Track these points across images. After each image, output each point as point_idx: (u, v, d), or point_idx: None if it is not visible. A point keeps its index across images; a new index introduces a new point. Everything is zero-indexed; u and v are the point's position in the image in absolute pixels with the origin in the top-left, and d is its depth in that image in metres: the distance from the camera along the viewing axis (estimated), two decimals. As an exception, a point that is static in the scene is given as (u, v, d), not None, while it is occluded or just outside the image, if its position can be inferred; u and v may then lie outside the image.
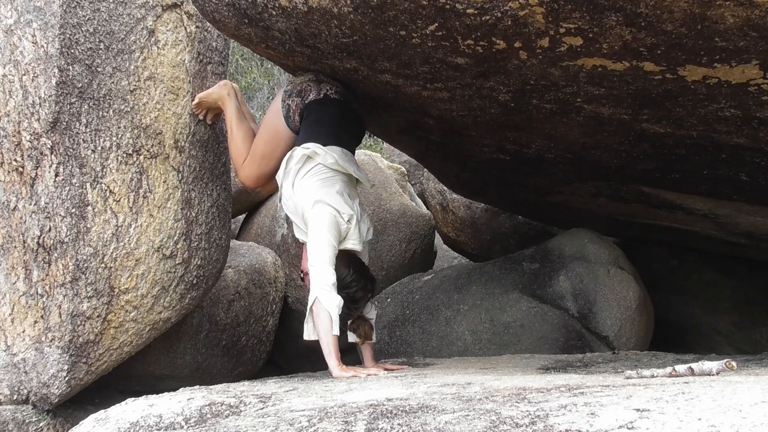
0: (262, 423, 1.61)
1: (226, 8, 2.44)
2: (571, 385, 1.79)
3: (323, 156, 2.84)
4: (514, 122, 2.82)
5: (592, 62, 2.09)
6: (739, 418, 1.20)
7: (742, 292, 4.73)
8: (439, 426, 1.37)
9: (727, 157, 2.65)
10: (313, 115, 2.94)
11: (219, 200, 3.34)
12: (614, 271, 4.04)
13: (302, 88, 2.98)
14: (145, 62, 2.98)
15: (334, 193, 2.80)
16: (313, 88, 2.97)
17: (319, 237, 2.72)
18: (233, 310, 3.90)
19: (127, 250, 2.91)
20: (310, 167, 2.83)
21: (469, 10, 1.92)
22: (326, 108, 2.97)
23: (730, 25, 1.76)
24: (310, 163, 2.84)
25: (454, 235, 5.55)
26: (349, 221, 2.79)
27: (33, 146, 2.75)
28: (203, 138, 3.23)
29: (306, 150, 2.84)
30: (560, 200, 4.04)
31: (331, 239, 2.72)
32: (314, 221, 2.74)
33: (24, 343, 2.83)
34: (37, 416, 2.89)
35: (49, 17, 2.73)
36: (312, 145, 2.84)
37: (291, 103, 2.98)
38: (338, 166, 2.86)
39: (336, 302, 2.64)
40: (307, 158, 2.84)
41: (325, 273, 2.67)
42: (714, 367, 1.89)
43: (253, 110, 10.40)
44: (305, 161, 2.84)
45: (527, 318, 3.96)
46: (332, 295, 2.65)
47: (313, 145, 2.84)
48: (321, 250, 2.71)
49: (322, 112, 2.95)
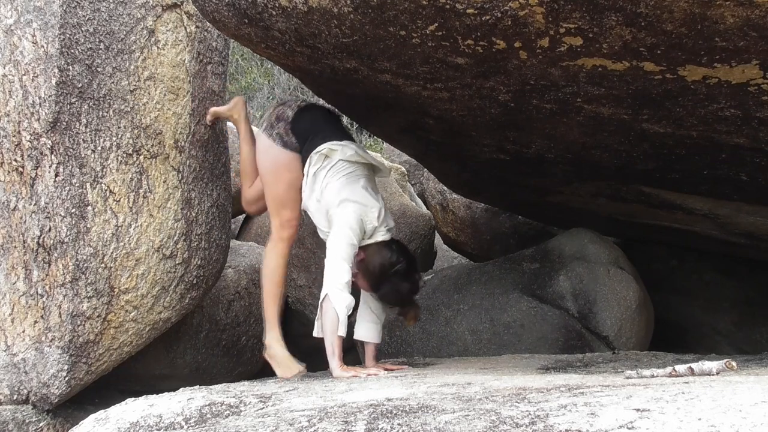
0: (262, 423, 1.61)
1: (226, 8, 2.44)
2: (571, 385, 1.79)
3: (342, 151, 2.84)
4: (514, 122, 2.82)
5: (592, 62, 2.09)
6: (739, 418, 1.20)
7: (742, 292, 4.73)
8: (439, 426, 1.37)
9: (727, 157, 2.65)
10: (307, 123, 2.95)
11: (219, 200, 3.34)
12: (614, 271, 4.04)
13: (277, 115, 2.99)
14: (145, 62, 2.98)
15: (359, 188, 2.80)
16: (286, 109, 3.00)
17: (339, 234, 2.70)
18: (233, 310, 3.90)
19: (127, 250, 2.91)
20: (330, 165, 2.82)
21: (469, 10, 1.92)
22: (312, 112, 3.03)
23: (730, 25, 1.76)
24: (329, 162, 2.83)
25: (454, 235, 5.55)
26: (378, 216, 2.77)
27: (33, 146, 2.75)
28: (203, 138, 3.23)
29: (322, 149, 2.83)
30: (560, 200, 4.04)
31: (352, 237, 2.69)
32: (338, 219, 2.72)
33: (24, 343, 2.83)
34: (37, 416, 2.89)
35: (49, 17, 2.73)
36: (327, 145, 2.84)
37: (277, 131, 2.96)
38: (359, 157, 2.87)
39: (345, 302, 2.63)
40: (325, 158, 2.84)
41: (340, 270, 2.65)
42: (714, 367, 1.89)
43: (253, 110, 10.41)
44: (323, 161, 2.84)
45: (527, 318, 3.96)
46: (343, 295, 2.64)
47: (327, 144, 2.84)
48: (339, 247, 2.68)
49: (311, 116, 2.99)
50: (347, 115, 3.78)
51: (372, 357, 3.03)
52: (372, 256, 2.76)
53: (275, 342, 2.92)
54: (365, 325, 3.01)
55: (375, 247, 2.77)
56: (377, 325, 3.02)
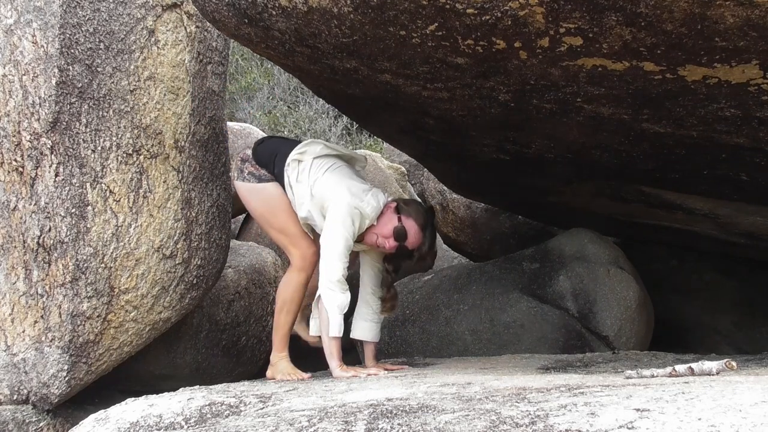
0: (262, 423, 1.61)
1: (226, 8, 2.44)
2: (571, 385, 1.79)
3: (310, 150, 2.85)
4: (514, 122, 2.82)
5: (592, 62, 2.09)
6: (739, 418, 1.20)
7: (742, 292, 4.73)
8: (439, 426, 1.37)
9: (727, 157, 2.65)
10: (266, 149, 2.96)
11: (219, 200, 3.34)
12: (614, 271, 4.04)
13: (241, 158, 2.99)
14: (145, 62, 2.98)
15: (346, 179, 2.80)
16: (245, 150, 3.02)
17: (332, 230, 2.68)
18: (233, 310, 3.90)
19: (127, 250, 2.91)
20: (308, 167, 2.82)
21: (469, 10, 1.92)
22: (267, 141, 3.07)
23: (730, 25, 1.76)
24: (305, 165, 2.82)
25: (454, 235, 5.55)
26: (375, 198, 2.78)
27: (33, 146, 2.75)
28: (203, 138, 3.23)
29: (292, 157, 2.83)
30: (560, 200, 4.04)
31: (344, 233, 2.67)
32: (330, 214, 2.71)
33: (24, 343, 2.83)
34: (37, 416, 2.88)
35: (49, 17, 2.73)
36: (294, 151, 2.85)
37: (247, 171, 2.94)
38: (330, 150, 2.88)
39: (337, 302, 2.62)
40: (299, 162, 2.84)
41: (334, 268, 2.64)
42: (714, 367, 1.90)
43: (253, 110, 10.41)
44: (298, 166, 2.83)
45: (527, 318, 3.96)
46: (335, 295, 2.63)
47: (293, 151, 2.85)
48: (333, 244, 2.67)
49: (268, 144, 3.03)
50: (347, 115, 3.78)
51: (372, 356, 3.02)
52: (408, 213, 2.76)
53: (282, 359, 2.86)
54: (363, 324, 3.01)
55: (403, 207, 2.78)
56: (376, 324, 3.02)
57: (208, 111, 3.26)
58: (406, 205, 2.84)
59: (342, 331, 2.68)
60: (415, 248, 2.78)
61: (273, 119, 10.29)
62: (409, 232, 2.74)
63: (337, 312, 2.63)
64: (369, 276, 2.99)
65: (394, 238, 2.75)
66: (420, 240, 2.77)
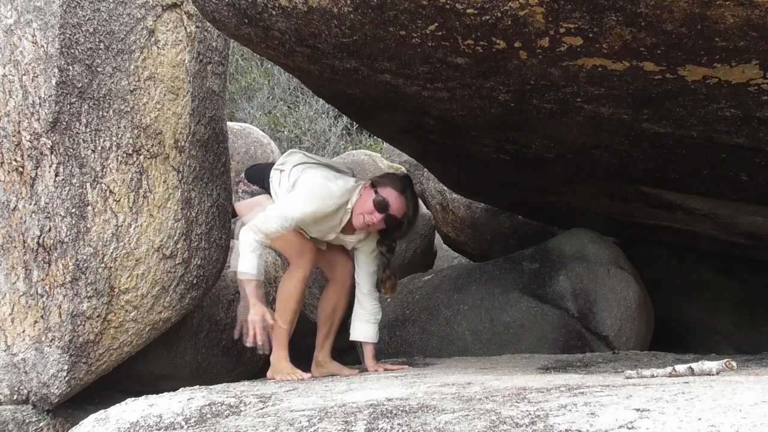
0: (262, 423, 1.61)
1: (226, 8, 2.44)
2: (571, 385, 1.79)
3: (290, 159, 2.95)
4: (514, 122, 2.82)
5: (592, 62, 2.09)
6: (739, 418, 1.20)
7: (742, 292, 4.73)
8: (439, 426, 1.37)
9: (727, 157, 2.65)
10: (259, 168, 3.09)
11: (219, 200, 3.34)
12: (614, 271, 4.04)
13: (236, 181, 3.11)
14: (145, 62, 2.98)
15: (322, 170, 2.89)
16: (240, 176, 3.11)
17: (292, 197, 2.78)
18: (233, 310, 3.89)
19: (127, 250, 2.91)
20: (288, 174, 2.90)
21: (469, 10, 1.92)
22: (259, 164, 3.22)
23: (730, 25, 1.76)
24: (285, 174, 2.91)
25: (454, 235, 5.55)
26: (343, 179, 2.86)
27: (33, 146, 2.75)
28: (203, 138, 3.23)
29: (274, 168, 2.94)
30: (560, 200, 4.04)
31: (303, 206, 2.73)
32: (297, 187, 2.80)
33: (24, 343, 2.83)
34: (37, 416, 2.88)
35: (49, 17, 2.73)
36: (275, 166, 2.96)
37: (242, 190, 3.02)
38: (308, 158, 2.96)
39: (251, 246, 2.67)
40: (281, 172, 2.92)
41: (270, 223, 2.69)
42: (714, 367, 1.90)
43: (253, 110, 10.40)
44: (279, 176, 2.92)
45: (527, 318, 3.96)
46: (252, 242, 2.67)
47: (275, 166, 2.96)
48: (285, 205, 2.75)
49: (260, 165, 3.17)
50: (347, 115, 3.78)
51: (371, 357, 3.03)
52: (383, 184, 2.83)
53: (282, 359, 2.87)
54: (361, 325, 3.02)
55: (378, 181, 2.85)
56: (373, 325, 3.03)
57: (208, 111, 3.26)
58: (381, 178, 2.92)
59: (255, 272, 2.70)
60: (402, 214, 2.82)
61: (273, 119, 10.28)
62: (389, 199, 2.79)
63: (248, 250, 2.68)
64: (363, 278, 3.03)
65: (378, 210, 2.78)
66: (402, 204, 2.82)
